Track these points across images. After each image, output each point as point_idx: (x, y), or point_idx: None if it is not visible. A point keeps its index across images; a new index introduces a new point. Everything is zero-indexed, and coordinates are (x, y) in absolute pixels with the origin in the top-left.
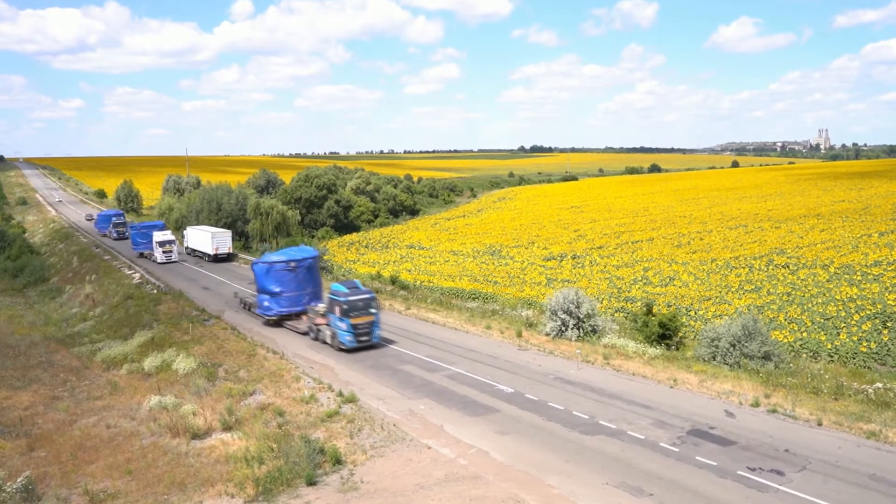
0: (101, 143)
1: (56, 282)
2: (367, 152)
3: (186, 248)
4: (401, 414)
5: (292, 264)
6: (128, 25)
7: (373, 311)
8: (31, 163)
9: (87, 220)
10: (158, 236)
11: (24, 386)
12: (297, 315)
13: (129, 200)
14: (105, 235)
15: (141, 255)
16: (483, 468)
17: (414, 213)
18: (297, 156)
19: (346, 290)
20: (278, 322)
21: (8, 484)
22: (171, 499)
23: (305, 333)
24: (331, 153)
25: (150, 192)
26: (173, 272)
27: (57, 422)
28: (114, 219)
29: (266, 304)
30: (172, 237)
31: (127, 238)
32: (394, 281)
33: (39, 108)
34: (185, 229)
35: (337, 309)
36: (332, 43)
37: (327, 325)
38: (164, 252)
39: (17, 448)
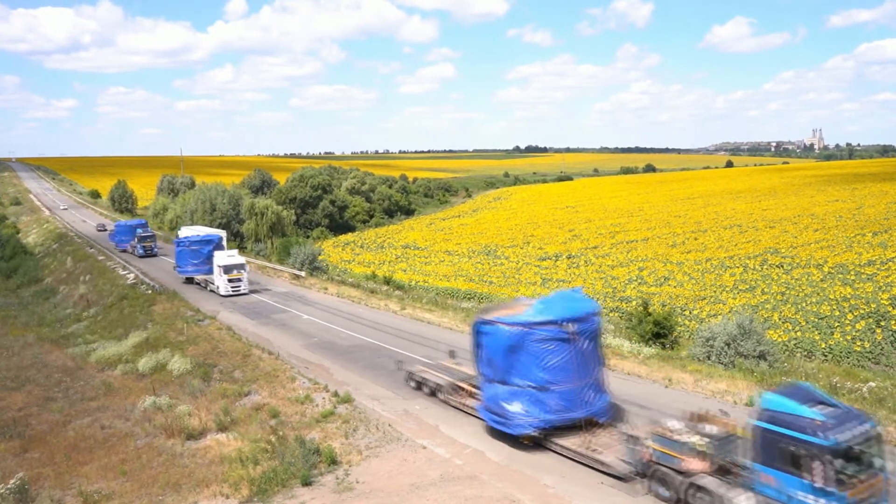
0: (95, 142)
1: (50, 282)
2: (362, 152)
3: None
4: (396, 414)
5: (570, 328)
6: (121, 25)
7: (882, 464)
8: (25, 163)
9: (99, 230)
10: (222, 258)
11: (18, 387)
12: (585, 427)
13: (124, 201)
14: (126, 251)
15: (189, 280)
16: (478, 468)
17: (409, 213)
18: (292, 156)
19: (823, 419)
20: (537, 441)
21: (1, 485)
22: (166, 499)
23: (624, 478)
24: (326, 153)
25: (145, 192)
26: (167, 272)
27: (51, 423)
28: (139, 231)
29: (519, 407)
30: (242, 260)
31: (156, 255)
32: (389, 281)
33: (32, 107)
34: (179, 230)
35: (816, 468)
36: (326, 43)
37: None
38: (230, 281)
39: (10, 449)
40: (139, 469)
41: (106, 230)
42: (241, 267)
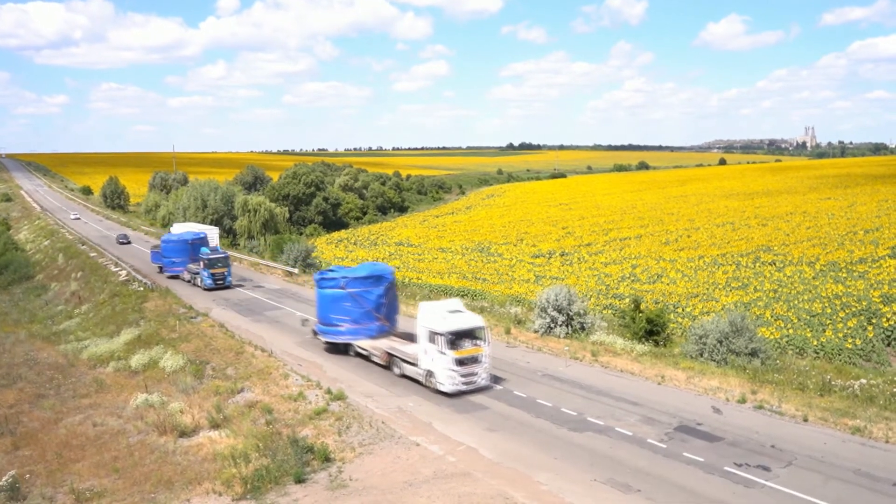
0: (87, 139)
1: (41, 279)
2: (355, 149)
3: None
4: (389, 411)
5: None
6: (112, 20)
7: None
8: (15, 159)
9: (121, 242)
10: (438, 318)
11: (9, 384)
12: None
13: (116, 197)
14: (179, 277)
15: (335, 345)
16: (472, 465)
17: (402, 210)
18: (286, 153)
19: None
20: None
21: None
22: (158, 497)
23: None
24: (319, 150)
25: (137, 188)
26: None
27: (42, 420)
28: (204, 251)
29: None
30: (480, 320)
31: (229, 286)
32: None
33: (23, 103)
34: (171, 226)
35: None
36: (319, 39)
37: None
38: (460, 364)
39: (1, 447)
40: (131, 466)
41: (128, 242)
42: (475, 334)
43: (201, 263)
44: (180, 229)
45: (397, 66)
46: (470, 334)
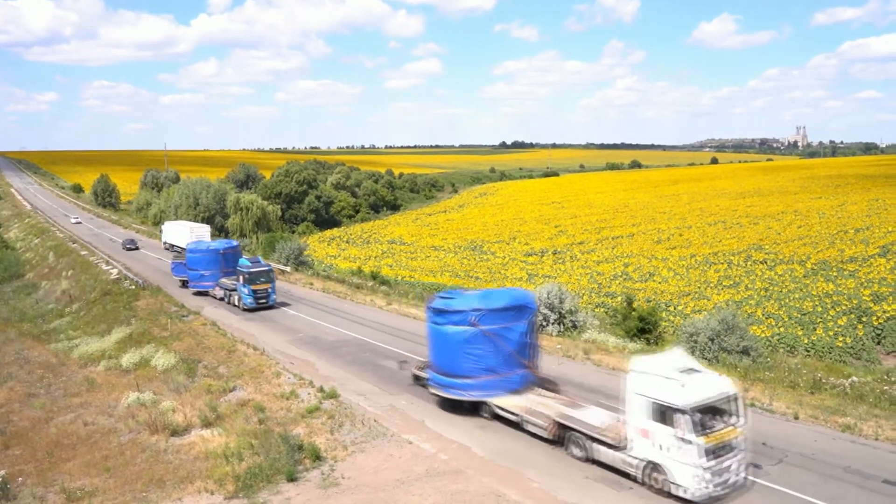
0: (78, 136)
1: (32, 277)
2: (348, 147)
3: (165, 243)
4: (381, 409)
5: None
6: (103, 17)
7: None
8: (5, 156)
9: (128, 248)
10: (689, 382)
11: (0, 383)
12: None
13: (107, 195)
14: (208, 294)
15: (489, 412)
16: (464, 463)
17: (395, 208)
18: (278, 151)
19: None
20: None
21: None
22: (150, 496)
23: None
24: (311, 148)
25: (128, 186)
26: (151, 267)
27: (33, 419)
28: (245, 264)
29: None
30: (730, 386)
31: (273, 305)
32: (375, 276)
33: (13, 101)
34: (162, 224)
35: None
36: (311, 37)
37: None
38: (715, 467)
39: None
40: (123, 466)
41: (136, 248)
42: (725, 407)
43: (240, 278)
44: (172, 227)
45: (390, 64)
46: (719, 408)
